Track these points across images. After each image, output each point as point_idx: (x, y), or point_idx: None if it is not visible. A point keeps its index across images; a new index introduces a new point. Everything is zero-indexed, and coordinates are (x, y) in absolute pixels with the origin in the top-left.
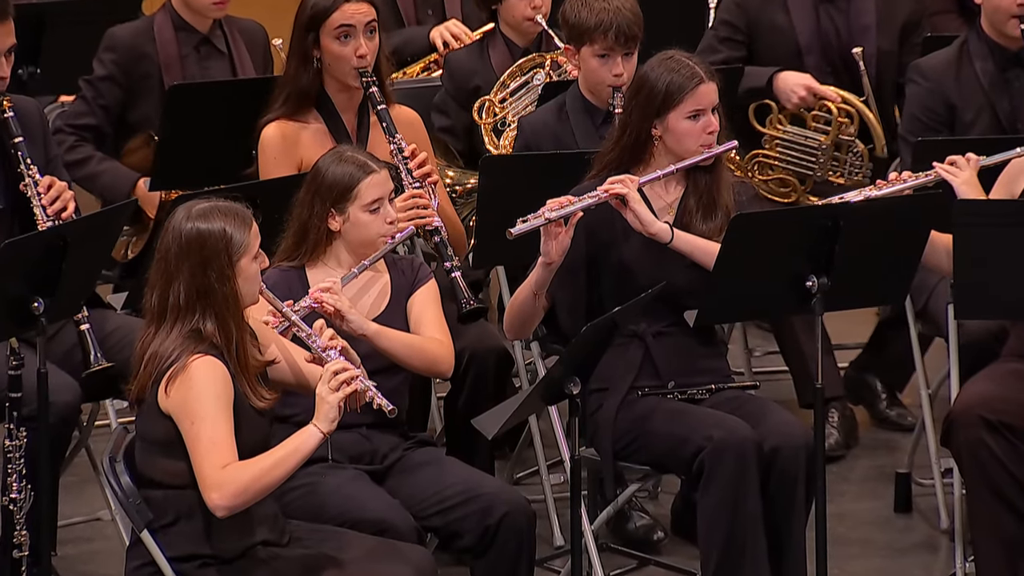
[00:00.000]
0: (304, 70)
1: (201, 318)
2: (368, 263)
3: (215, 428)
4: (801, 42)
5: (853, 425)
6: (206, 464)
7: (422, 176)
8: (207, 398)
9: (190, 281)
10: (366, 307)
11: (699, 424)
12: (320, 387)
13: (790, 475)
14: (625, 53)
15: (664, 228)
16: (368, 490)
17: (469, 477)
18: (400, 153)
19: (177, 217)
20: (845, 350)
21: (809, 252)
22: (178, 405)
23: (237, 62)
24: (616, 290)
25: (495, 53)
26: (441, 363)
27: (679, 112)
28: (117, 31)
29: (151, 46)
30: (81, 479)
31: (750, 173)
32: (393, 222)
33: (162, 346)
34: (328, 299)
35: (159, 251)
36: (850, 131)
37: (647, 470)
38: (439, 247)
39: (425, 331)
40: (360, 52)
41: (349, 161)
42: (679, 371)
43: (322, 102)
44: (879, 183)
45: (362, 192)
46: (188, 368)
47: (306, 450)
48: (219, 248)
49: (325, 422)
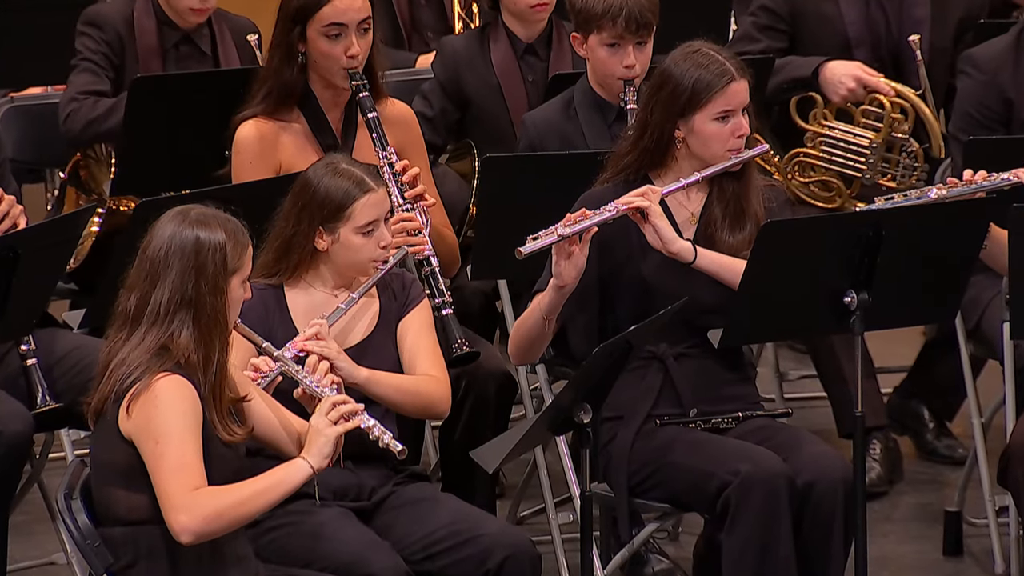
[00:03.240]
0: (287, 65)
1: (178, 328)
2: (357, 296)
3: (183, 448)
4: (850, 33)
5: (897, 458)
6: (173, 484)
7: (414, 197)
8: (173, 416)
9: (177, 286)
10: (349, 330)
11: (724, 457)
12: (316, 419)
13: (826, 514)
14: (637, 42)
15: (686, 247)
16: (353, 530)
17: (467, 516)
18: (390, 169)
19: (168, 220)
20: (888, 374)
21: (848, 264)
22: (140, 426)
23: (223, 65)
24: (634, 311)
25: (496, 46)
26: (437, 405)
27: (706, 113)
28: (101, 9)
29: (131, 36)
30: (33, 518)
31: (790, 175)
32: (387, 246)
33: (131, 355)
34: (315, 348)
35: (145, 251)
36: (903, 128)
37: (666, 508)
38: (429, 280)
39: (419, 367)
40: (351, 52)
41: (344, 176)
42: (702, 397)
43: (305, 99)
44: (950, 181)
45: (357, 212)
46: (152, 387)
47: (291, 484)
48: (216, 258)
49: (317, 457)
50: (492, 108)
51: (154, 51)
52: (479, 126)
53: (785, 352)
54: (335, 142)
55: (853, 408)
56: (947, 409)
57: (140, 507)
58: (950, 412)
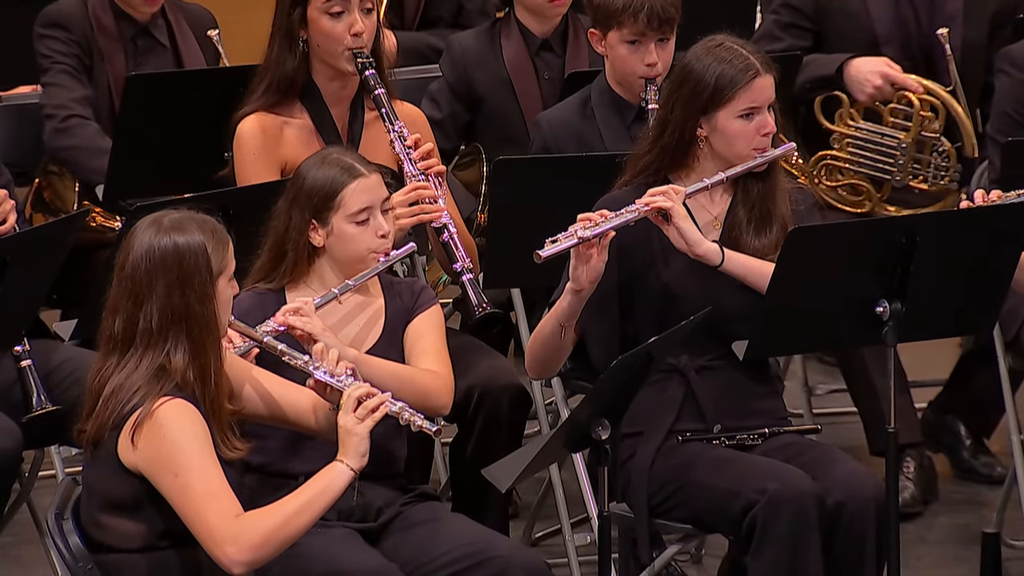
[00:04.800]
0: (288, 53)
1: (173, 347)
2: (353, 283)
3: (206, 475)
4: (878, 30)
5: (932, 476)
6: (211, 515)
7: (427, 168)
8: (187, 443)
9: (165, 302)
10: (350, 337)
11: (750, 475)
12: (343, 418)
13: (857, 535)
14: (659, 39)
15: (713, 249)
16: (359, 553)
17: (478, 537)
18: (402, 141)
19: (143, 231)
20: (923, 388)
21: (880, 272)
22: (152, 459)
23: (184, 56)
24: (655, 320)
25: (508, 43)
26: (434, 396)
27: (730, 110)
28: (61, 8)
29: (91, 32)
30: (22, 539)
31: (816, 179)
32: (386, 235)
33: (128, 380)
34: (297, 322)
35: (123, 269)
36: (934, 127)
37: (689, 529)
38: (448, 246)
39: (419, 361)
40: (355, 29)
41: (332, 164)
42: (726, 412)
43: (308, 92)
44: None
45: (347, 199)
46: (156, 415)
47: (335, 491)
48: (200, 263)
49: (355, 457)
50: (503, 107)
51: (116, 47)
52: (490, 127)
53: (814, 365)
54: (338, 139)
55: (885, 424)
56: (985, 425)
57: (134, 536)
58: (988, 428)
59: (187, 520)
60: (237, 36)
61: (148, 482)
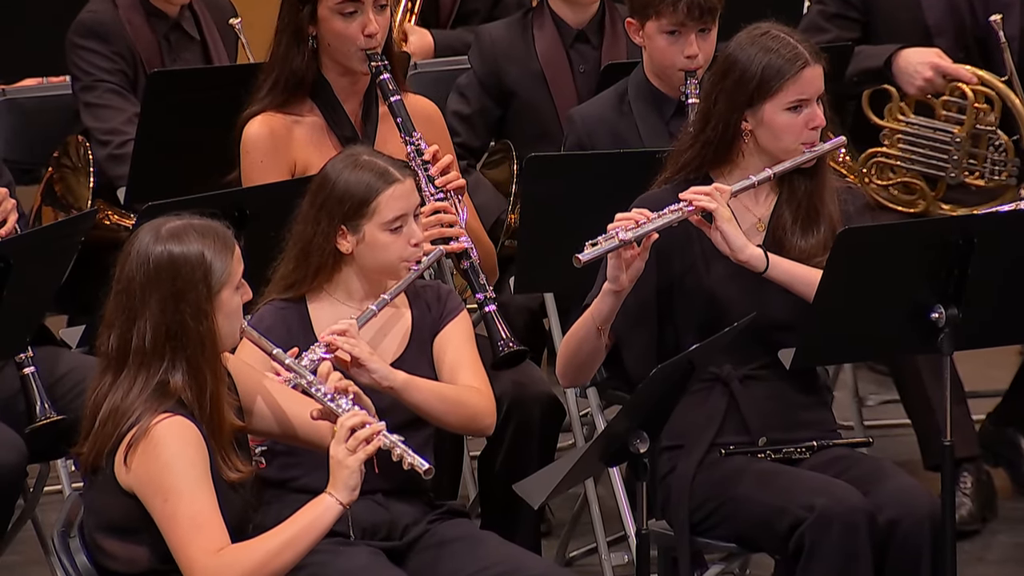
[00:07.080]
0: (296, 50)
1: (170, 366)
2: (389, 297)
3: (195, 503)
4: (930, 20)
5: (991, 492)
6: (193, 549)
7: (445, 184)
8: (180, 467)
9: (159, 318)
10: (377, 349)
11: (797, 490)
12: (335, 448)
13: (911, 554)
14: (700, 29)
15: (757, 255)
16: (385, 573)
17: (509, 556)
18: (419, 156)
19: (142, 238)
20: (981, 399)
21: (935, 276)
22: (143, 480)
23: (212, 48)
24: (696, 327)
25: (540, 34)
26: (482, 418)
27: (777, 102)
28: (96, 17)
29: (129, 39)
30: (26, 558)
31: (866, 178)
32: (418, 244)
33: (124, 401)
34: (344, 344)
35: (119, 281)
36: (989, 120)
37: (732, 548)
38: (469, 274)
39: (455, 376)
40: (368, 30)
41: (366, 167)
42: (772, 424)
43: (318, 89)
44: None
45: (382, 206)
46: (151, 434)
47: (322, 526)
48: (196, 277)
49: (344, 491)
50: (535, 102)
51: (153, 49)
52: (521, 123)
53: (865, 374)
54: (354, 135)
55: (941, 437)
56: None
57: (138, 559)
58: None
59: (171, 548)
60: (255, 27)
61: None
